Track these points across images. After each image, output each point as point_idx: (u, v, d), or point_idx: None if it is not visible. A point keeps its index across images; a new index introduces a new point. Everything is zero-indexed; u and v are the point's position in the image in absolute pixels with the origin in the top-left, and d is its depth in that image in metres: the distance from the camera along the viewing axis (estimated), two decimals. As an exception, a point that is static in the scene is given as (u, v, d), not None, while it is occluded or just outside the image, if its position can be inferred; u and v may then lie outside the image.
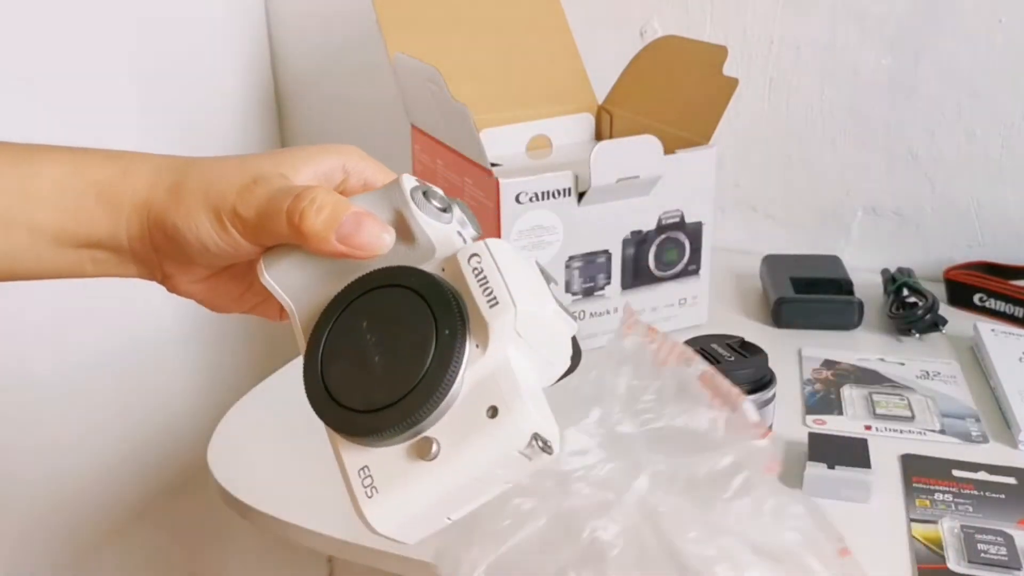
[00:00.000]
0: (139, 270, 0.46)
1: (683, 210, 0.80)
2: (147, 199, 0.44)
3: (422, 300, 0.37)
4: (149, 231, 0.44)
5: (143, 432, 1.04)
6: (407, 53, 0.81)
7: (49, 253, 0.44)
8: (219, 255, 0.43)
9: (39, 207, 0.43)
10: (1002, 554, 0.55)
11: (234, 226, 0.42)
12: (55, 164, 0.44)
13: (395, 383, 0.36)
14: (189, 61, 1.07)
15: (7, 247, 0.43)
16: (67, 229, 0.44)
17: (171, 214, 0.43)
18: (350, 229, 0.40)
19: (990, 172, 0.94)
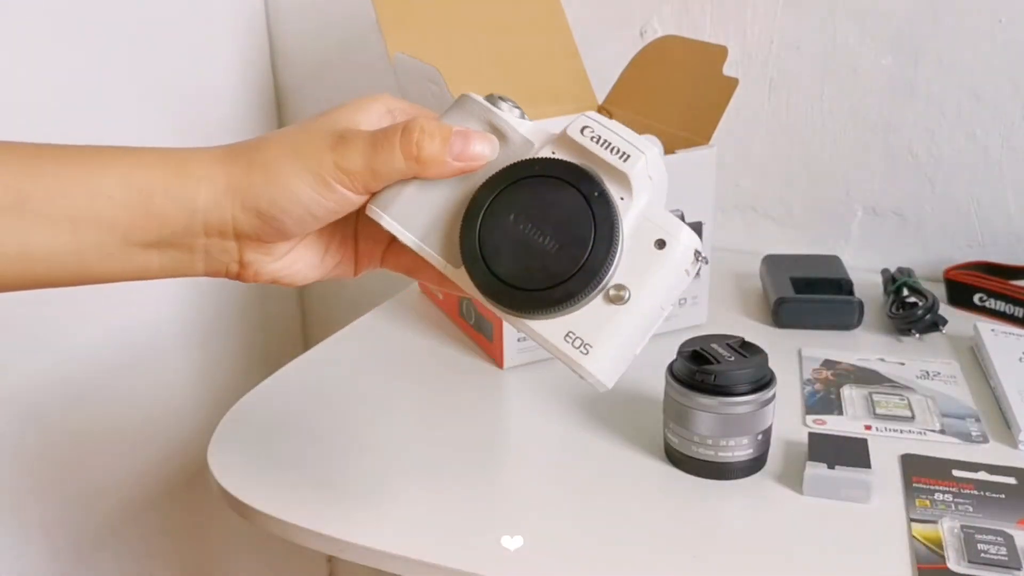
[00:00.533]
0: (207, 266, 0.47)
1: (683, 210, 0.80)
2: (228, 185, 0.45)
3: (558, 180, 0.42)
4: (234, 218, 0.45)
5: (143, 432, 1.04)
6: (407, 53, 0.81)
7: (118, 252, 0.45)
8: (322, 216, 0.45)
9: (108, 205, 0.44)
10: (1002, 554, 0.55)
11: (339, 182, 0.44)
12: (122, 164, 0.45)
13: (571, 252, 0.40)
14: (189, 60, 1.07)
15: (75, 245, 0.44)
16: (137, 226, 0.44)
17: (265, 190, 0.44)
18: (461, 146, 0.44)
19: (990, 172, 0.94)
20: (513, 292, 0.41)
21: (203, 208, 0.44)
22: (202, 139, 1.08)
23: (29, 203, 0.43)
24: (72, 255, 0.44)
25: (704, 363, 0.62)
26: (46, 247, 0.43)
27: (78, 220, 0.43)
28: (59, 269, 0.44)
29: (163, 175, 0.44)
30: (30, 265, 0.44)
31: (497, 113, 0.44)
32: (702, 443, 0.62)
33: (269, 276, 0.48)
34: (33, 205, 0.43)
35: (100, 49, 0.94)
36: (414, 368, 0.81)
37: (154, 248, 0.45)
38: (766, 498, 0.62)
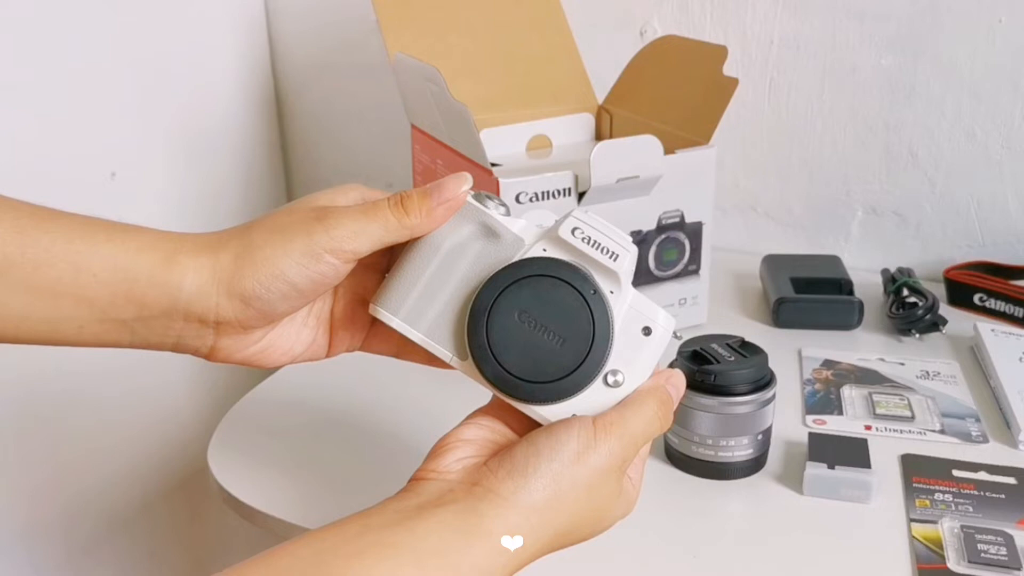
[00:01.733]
0: (177, 345, 0.48)
1: (683, 210, 0.80)
2: (214, 275, 0.46)
3: (555, 279, 0.46)
4: (217, 305, 0.46)
5: (143, 432, 1.04)
6: (407, 53, 0.81)
7: (92, 326, 0.46)
8: (307, 291, 0.46)
9: (91, 282, 0.45)
10: (1002, 554, 0.55)
11: (329, 251, 0.45)
12: (111, 244, 0.45)
13: (575, 346, 0.46)
14: (189, 61, 1.07)
15: (51, 315, 0.45)
16: (116, 305, 0.45)
17: (252, 274, 0.45)
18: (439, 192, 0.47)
19: (990, 172, 0.94)
20: (524, 384, 0.46)
21: (186, 297, 0.45)
22: (203, 139, 1.09)
23: (13, 270, 0.43)
24: (45, 323, 0.45)
25: (704, 363, 0.62)
26: (21, 313, 0.44)
27: (59, 293, 0.44)
28: (28, 333, 0.45)
29: (150, 261, 0.45)
30: (2, 326, 0.44)
31: (492, 214, 0.48)
32: (702, 443, 0.62)
33: (240, 359, 0.49)
34: (17, 273, 0.43)
35: (100, 49, 0.94)
36: (414, 368, 0.80)
37: (127, 328, 0.46)
38: (766, 498, 0.62)
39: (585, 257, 0.47)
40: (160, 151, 1.04)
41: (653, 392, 0.47)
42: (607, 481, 0.45)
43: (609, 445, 0.44)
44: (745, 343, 0.65)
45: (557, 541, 0.45)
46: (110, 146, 0.96)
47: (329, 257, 0.45)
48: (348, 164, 1.24)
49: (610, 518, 0.47)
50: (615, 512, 0.47)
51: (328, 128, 1.23)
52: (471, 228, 0.48)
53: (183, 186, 1.07)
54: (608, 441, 0.44)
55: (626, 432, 0.45)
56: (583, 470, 0.44)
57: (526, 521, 0.43)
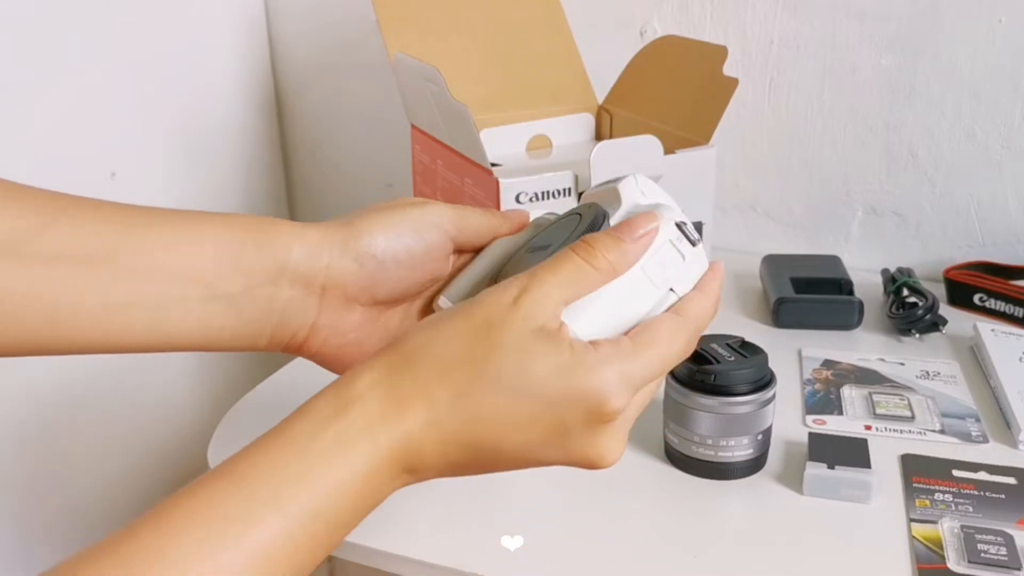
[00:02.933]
0: (275, 331, 0.47)
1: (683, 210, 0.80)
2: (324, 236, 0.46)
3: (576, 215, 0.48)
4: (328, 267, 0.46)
5: (143, 432, 1.04)
6: (407, 53, 0.81)
7: (198, 307, 0.45)
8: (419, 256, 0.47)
9: (196, 257, 0.44)
10: (1002, 554, 0.55)
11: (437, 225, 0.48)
12: (213, 222, 0.45)
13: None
14: (189, 61, 1.07)
15: (157, 298, 0.44)
16: (223, 278, 0.45)
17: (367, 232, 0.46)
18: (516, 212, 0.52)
19: (990, 172, 0.94)
20: None
21: (296, 258, 0.45)
22: (203, 139, 1.09)
23: (118, 255, 0.43)
24: (150, 312, 0.44)
25: (704, 363, 0.62)
26: (127, 301, 0.43)
27: (164, 271, 0.44)
28: (136, 326, 0.44)
29: (254, 232, 0.45)
30: (108, 322, 0.43)
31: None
32: (702, 443, 0.62)
33: (335, 347, 0.48)
34: (121, 257, 0.43)
35: (100, 49, 0.94)
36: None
37: (233, 307, 0.45)
38: (766, 498, 0.62)
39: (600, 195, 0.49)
40: (160, 151, 1.04)
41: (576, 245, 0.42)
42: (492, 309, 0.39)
43: (501, 287, 0.40)
44: (745, 343, 0.65)
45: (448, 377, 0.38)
46: (110, 146, 0.96)
47: (438, 231, 0.48)
48: (348, 164, 1.24)
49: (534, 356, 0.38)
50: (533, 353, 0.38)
51: (328, 128, 1.23)
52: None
53: (183, 186, 1.07)
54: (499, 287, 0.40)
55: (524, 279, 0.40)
56: (460, 308, 0.40)
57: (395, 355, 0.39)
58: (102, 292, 0.43)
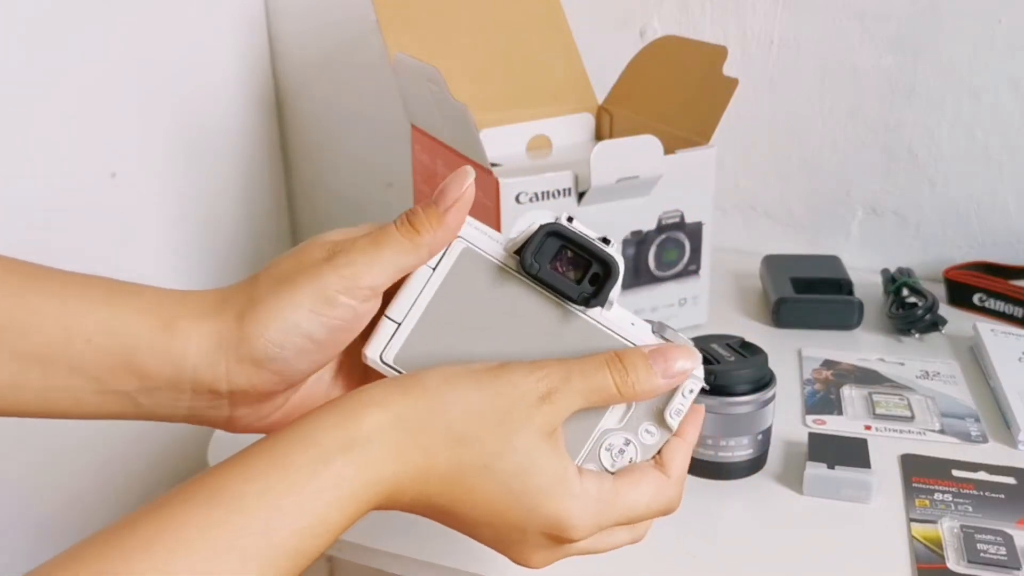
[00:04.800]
0: (191, 418, 0.44)
1: (683, 210, 0.80)
2: (220, 340, 0.41)
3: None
4: (228, 372, 0.41)
5: (143, 432, 1.04)
6: (407, 53, 0.81)
7: (90, 397, 0.42)
8: (324, 342, 0.41)
9: (85, 348, 0.41)
10: (1002, 554, 0.55)
11: (343, 292, 0.41)
12: (106, 306, 0.41)
13: None
14: (189, 61, 1.07)
15: (44, 384, 0.41)
16: (115, 376, 0.41)
17: (261, 333, 0.41)
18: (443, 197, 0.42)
19: (990, 172, 0.94)
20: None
21: (192, 367, 0.41)
22: (203, 139, 1.09)
23: (2, 335, 0.40)
24: (39, 394, 0.41)
25: (704, 363, 0.62)
26: (12, 382, 0.41)
27: (51, 360, 0.40)
28: (23, 405, 0.42)
29: (149, 327, 0.41)
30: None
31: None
32: (702, 443, 0.62)
33: (262, 428, 0.45)
34: (5, 337, 0.40)
35: (100, 49, 0.94)
36: (414, 368, 0.80)
37: (130, 400, 0.42)
38: (766, 498, 0.62)
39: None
40: (160, 151, 1.04)
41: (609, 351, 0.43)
42: (519, 403, 0.39)
43: (530, 368, 0.40)
44: (745, 343, 0.65)
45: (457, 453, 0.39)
46: (110, 146, 0.96)
47: (344, 298, 0.41)
48: (348, 164, 1.24)
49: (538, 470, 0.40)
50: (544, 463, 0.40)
51: (328, 128, 1.23)
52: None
53: (183, 186, 1.07)
54: (529, 366, 0.40)
55: (556, 365, 0.41)
56: (488, 379, 0.40)
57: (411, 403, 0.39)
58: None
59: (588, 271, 0.43)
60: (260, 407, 0.44)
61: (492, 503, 0.40)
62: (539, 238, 0.43)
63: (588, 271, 0.43)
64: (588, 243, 0.43)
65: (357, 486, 0.37)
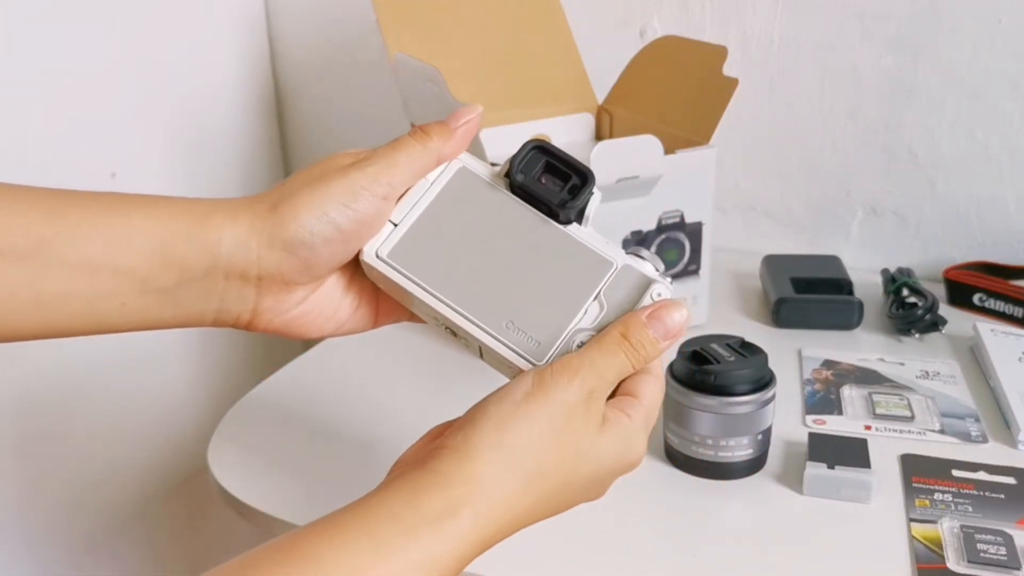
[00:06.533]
0: (218, 316, 0.47)
1: (683, 210, 0.80)
2: (252, 226, 0.45)
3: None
4: (259, 258, 0.45)
5: (143, 432, 1.04)
6: (407, 53, 0.81)
7: (133, 301, 0.45)
8: (350, 232, 0.46)
9: (127, 252, 0.44)
10: (1002, 554, 0.55)
11: (366, 189, 0.46)
12: (143, 212, 0.45)
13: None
14: (189, 61, 1.07)
15: (90, 292, 0.44)
16: (155, 274, 0.44)
17: (292, 219, 0.45)
18: (454, 117, 0.50)
19: (990, 172, 0.94)
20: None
21: (226, 252, 0.45)
22: (203, 139, 1.09)
23: (47, 249, 0.43)
24: (86, 303, 0.44)
25: (704, 363, 0.62)
26: (61, 294, 0.43)
27: (95, 267, 0.43)
28: (74, 318, 0.44)
29: (185, 223, 0.45)
30: (45, 312, 0.44)
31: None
32: (702, 443, 0.62)
33: (281, 325, 0.48)
34: (51, 251, 0.43)
35: (100, 49, 0.94)
36: (414, 368, 0.81)
37: (169, 298, 0.45)
38: (766, 498, 0.62)
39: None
40: (160, 151, 1.04)
41: (615, 327, 0.46)
42: (573, 413, 0.43)
43: (566, 377, 0.43)
44: (745, 343, 0.65)
45: (539, 486, 0.43)
46: (110, 146, 0.96)
47: (367, 194, 0.46)
48: (348, 164, 1.24)
49: (603, 455, 0.45)
50: (606, 447, 0.44)
51: (328, 128, 1.23)
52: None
53: (183, 186, 1.07)
54: (563, 375, 0.43)
55: (584, 364, 0.44)
56: (536, 405, 0.42)
57: (483, 466, 0.41)
58: (35, 286, 0.43)
59: (568, 184, 0.48)
60: (282, 299, 0.47)
61: (574, 500, 0.45)
62: (525, 151, 0.49)
63: (568, 184, 0.48)
64: (568, 156, 0.48)
65: (450, 561, 0.40)
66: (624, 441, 0.45)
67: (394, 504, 0.40)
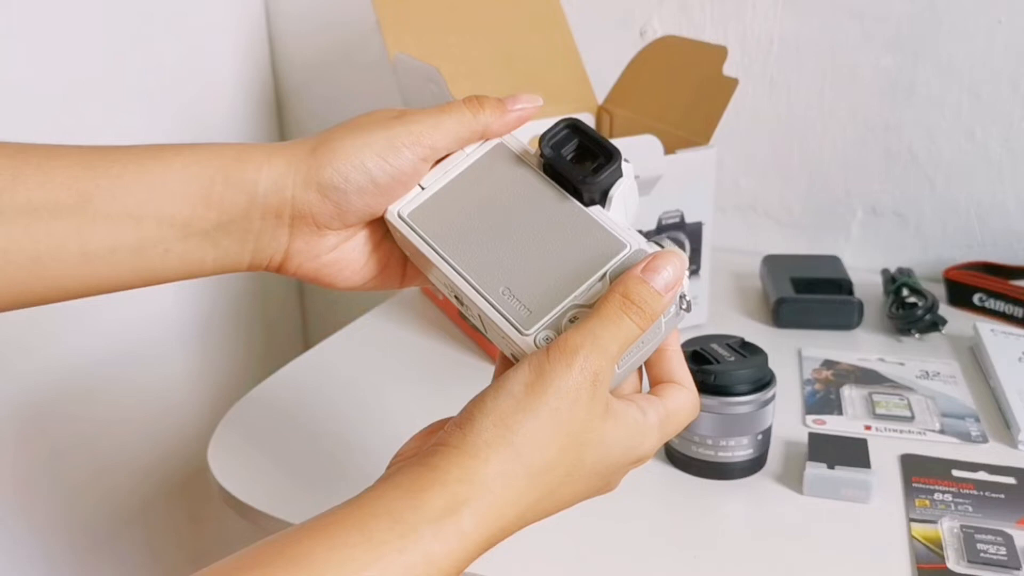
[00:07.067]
0: (254, 256, 0.48)
1: (683, 210, 0.80)
2: (289, 165, 0.46)
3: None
4: (293, 197, 0.46)
5: (143, 432, 1.04)
6: (407, 53, 0.81)
7: (177, 246, 0.45)
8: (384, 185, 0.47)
9: (169, 199, 0.45)
10: (1002, 554, 0.55)
11: (407, 146, 0.46)
12: (181, 159, 0.45)
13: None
14: (189, 61, 1.07)
15: (137, 242, 0.45)
16: (197, 215, 0.45)
17: (329, 163, 0.46)
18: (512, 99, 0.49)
19: (990, 172, 0.94)
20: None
21: (263, 191, 0.45)
22: (203, 139, 1.09)
23: (91, 203, 0.43)
24: (133, 252, 0.45)
25: (704, 363, 0.62)
26: (107, 246, 0.44)
27: (139, 216, 0.44)
28: (120, 268, 0.45)
29: (223, 164, 0.45)
30: (92, 266, 0.44)
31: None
32: (702, 443, 0.62)
33: (311, 270, 0.49)
34: (94, 205, 0.43)
35: (100, 49, 0.94)
36: (414, 368, 0.81)
37: (210, 240, 0.46)
38: (766, 498, 0.62)
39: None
40: (160, 151, 1.04)
41: (613, 291, 0.43)
42: (576, 400, 0.41)
43: (564, 361, 0.41)
44: (745, 343, 0.65)
45: (543, 481, 0.41)
46: (109, 143, 0.96)
47: (407, 151, 0.46)
48: (348, 164, 1.24)
49: (608, 444, 0.43)
50: (611, 436, 0.42)
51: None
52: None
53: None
54: (561, 359, 0.41)
55: (584, 342, 0.41)
56: (536, 397, 0.41)
57: (484, 463, 0.40)
58: (80, 240, 0.43)
59: (595, 164, 0.48)
60: (313, 243, 0.48)
61: (579, 492, 0.43)
62: (557, 128, 0.49)
63: (595, 164, 0.48)
64: (598, 135, 0.48)
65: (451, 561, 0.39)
66: (632, 435, 0.43)
67: (392, 502, 0.39)
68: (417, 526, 0.38)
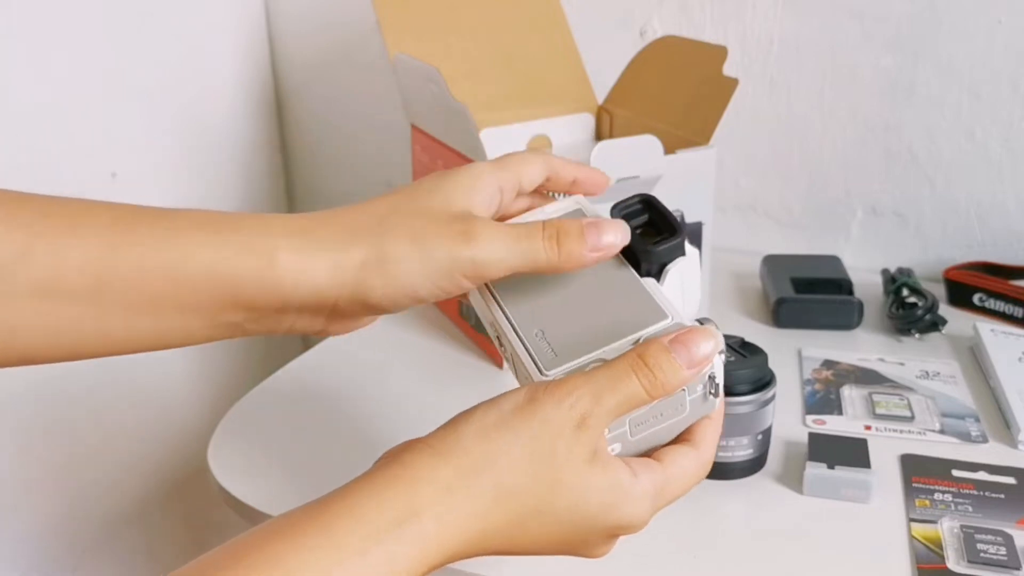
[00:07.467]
0: (290, 331, 0.46)
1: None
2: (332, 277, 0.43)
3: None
4: (337, 301, 0.44)
5: (143, 432, 1.04)
6: (407, 53, 0.81)
7: (200, 332, 0.44)
8: (430, 300, 0.45)
9: (191, 293, 0.42)
10: (1002, 554, 0.55)
11: (467, 276, 0.44)
12: (205, 250, 0.42)
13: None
14: (189, 61, 1.07)
15: (157, 327, 0.43)
16: (225, 310, 0.43)
17: (383, 289, 0.43)
18: (596, 235, 0.45)
19: (990, 172, 0.94)
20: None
21: (300, 297, 0.43)
22: (202, 139, 1.09)
23: (108, 291, 0.41)
24: (152, 335, 0.43)
25: (704, 363, 0.62)
26: (126, 332, 0.43)
27: (161, 307, 0.42)
28: (142, 344, 0.44)
29: (253, 266, 0.42)
30: (110, 345, 0.43)
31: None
32: (702, 443, 0.62)
33: (352, 328, 0.49)
34: (112, 293, 0.41)
35: (100, 49, 0.94)
36: (414, 368, 0.81)
37: (238, 329, 0.45)
38: (766, 498, 0.62)
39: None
40: (161, 151, 1.04)
41: (632, 350, 0.43)
42: (558, 436, 0.40)
43: (557, 396, 0.40)
44: (745, 343, 0.65)
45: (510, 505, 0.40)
46: (111, 146, 0.96)
47: (465, 283, 0.44)
48: (348, 164, 1.24)
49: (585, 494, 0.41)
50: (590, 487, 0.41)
51: (328, 128, 1.23)
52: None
53: (183, 186, 1.07)
54: (555, 393, 0.40)
55: (582, 385, 0.41)
56: (521, 420, 0.40)
57: (452, 471, 0.39)
58: (98, 324, 0.42)
59: (659, 239, 0.49)
60: (351, 324, 0.47)
61: (551, 536, 0.41)
62: (631, 201, 0.50)
63: (659, 239, 0.49)
64: (668, 213, 0.49)
65: (413, 565, 0.38)
66: (614, 492, 0.41)
67: (358, 503, 0.38)
68: (380, 528, 0.37)
